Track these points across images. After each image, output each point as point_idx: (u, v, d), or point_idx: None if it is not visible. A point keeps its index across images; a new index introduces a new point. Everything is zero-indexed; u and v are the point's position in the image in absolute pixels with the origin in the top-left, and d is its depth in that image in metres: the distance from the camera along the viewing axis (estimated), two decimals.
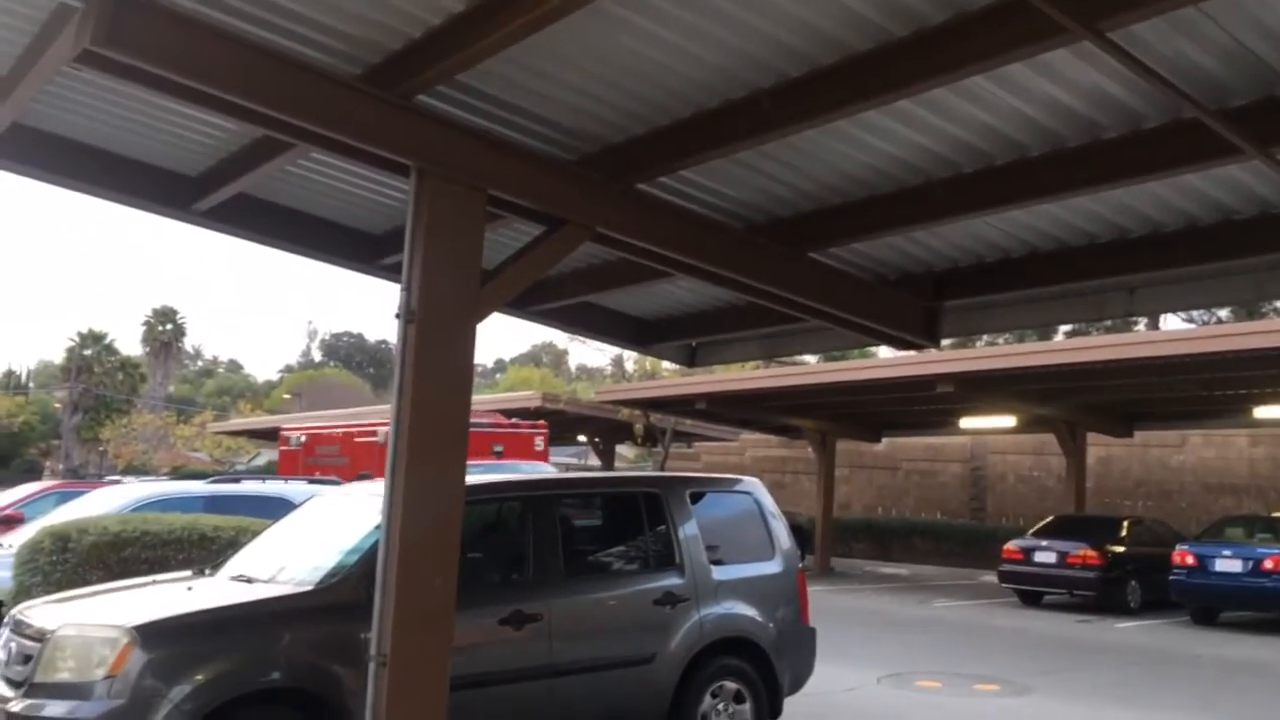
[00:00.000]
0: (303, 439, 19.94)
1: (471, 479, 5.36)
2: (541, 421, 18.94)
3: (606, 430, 28.84)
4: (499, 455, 15.87)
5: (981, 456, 26.48)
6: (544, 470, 14.92)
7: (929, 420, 22.73)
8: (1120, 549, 16.28)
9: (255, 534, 7.04)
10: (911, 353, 15.91)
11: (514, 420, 18.40)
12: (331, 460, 16.91)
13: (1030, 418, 20.03)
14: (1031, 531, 17.63)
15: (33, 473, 44.54)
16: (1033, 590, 16.94)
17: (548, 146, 5.26)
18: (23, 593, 7.09)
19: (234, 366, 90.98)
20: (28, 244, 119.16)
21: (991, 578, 18.30)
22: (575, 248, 5.60)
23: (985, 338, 28.81)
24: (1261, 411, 17.85)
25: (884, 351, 24.50)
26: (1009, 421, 20.67)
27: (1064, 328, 28.94)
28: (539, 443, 17.58)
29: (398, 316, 4.76)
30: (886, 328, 6.79)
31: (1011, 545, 17.30)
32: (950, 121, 4.73)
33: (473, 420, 14.77)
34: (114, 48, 3.92)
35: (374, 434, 15.89)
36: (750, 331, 8.32)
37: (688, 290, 7.61)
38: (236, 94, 4.36)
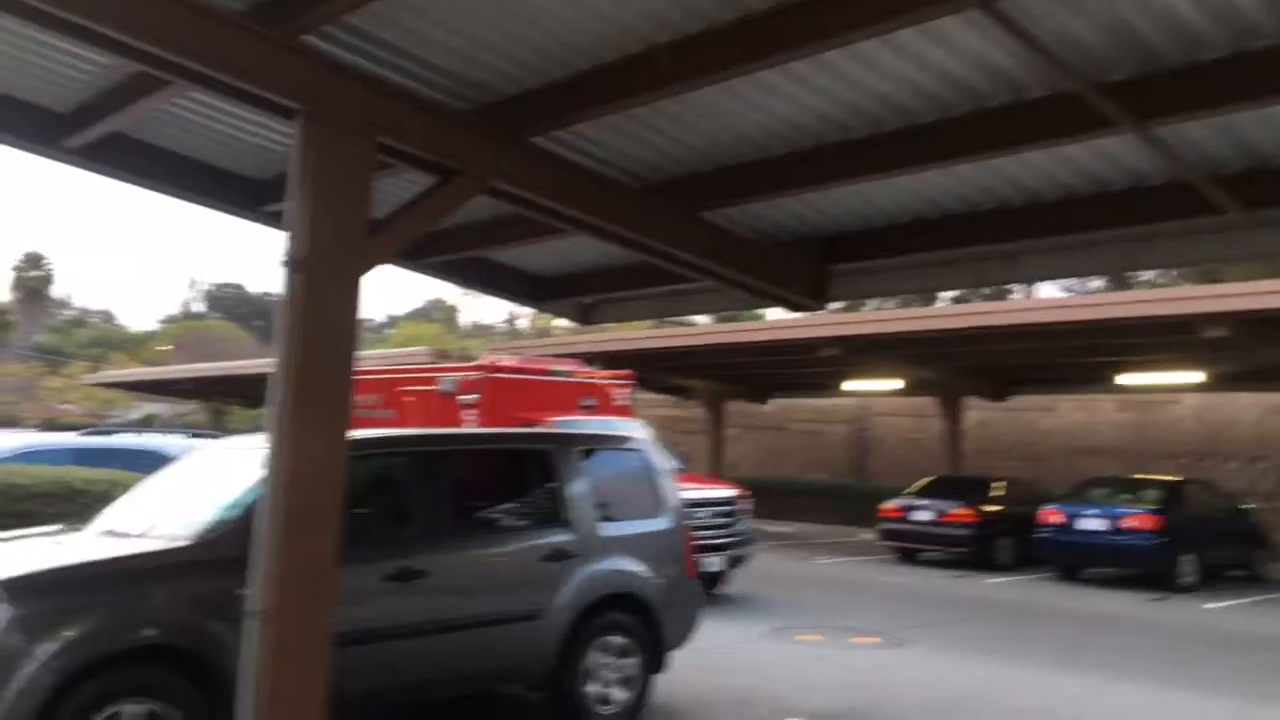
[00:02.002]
0: None
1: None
2: (625, 370, 14.95)
3: None
4: (590, 409, 13.56)
5: (865, 418, 27.23)
6: (633, 428, 13.41)
7: (816, 382, 23.24)
8: (993, 508, 16.98)
9: (127, 488, 6.81)
10: (799, 316, 16.23)
11: (592, 369, 14.86)
12: (369, 412, 14.40)
13: (912, 381, 20.66)
14: (909, 490, 18.25)
15: None
16: (910, 547, 17.57)
17: (441, 95, 5.15)
18: None
19: (107, 317, 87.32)
20: None
21: (872, 535, 18.90)
22: (467, 200, 5.50)
23: (872, 303, 29.53)
24: (1125, 378, 18.77)
25: (773, 314, 24.90)
26: (892, 385, 21.30)
27: (947, 294, 29.82)
28: (621, 395, 14.42)
29: (283, 264, 4.62)
30: (776, 289, 6.88)
31: (890, 504, 17.89)
32: (842, 85, 4.79)
33: (552, 367, 13.66)
34: None
35: (432, 381, 13.68)
36: (644, 290, 8.35)
37: (582, 247, 7.58)
38: (110, 26, 4.13)
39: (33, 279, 65.86)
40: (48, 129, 6.09)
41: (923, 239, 6.40)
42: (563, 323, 33.87)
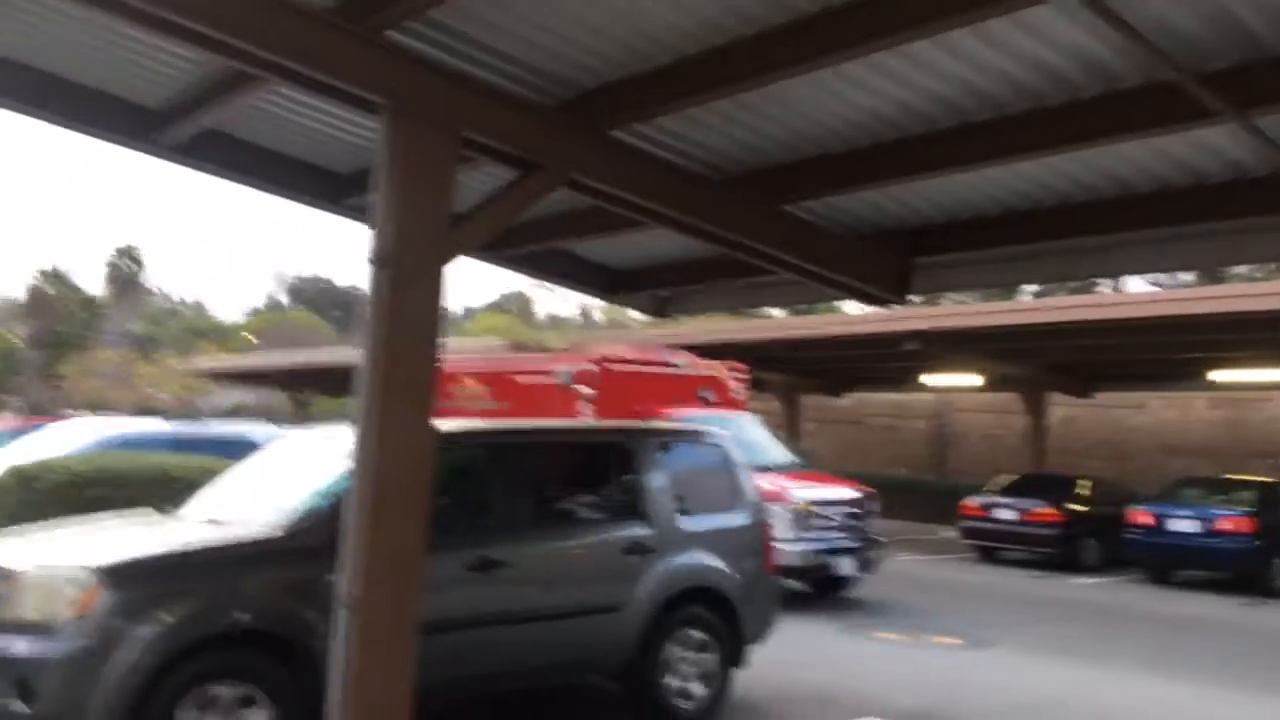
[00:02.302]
0: None
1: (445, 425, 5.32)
2: (737, 364, 14.44)
3: None
4: (708, 402, 13.36)
5: (946, 414, 26.77)
6: (750, 423, 12.97)
7: (894, 376, 22.91)
8: (1078, 507, 16.57)
9: (219, 475, 6.99)
10: (878, 309, 16.00)
11: (708, 361, 14.39)
12: (479, 404, 14.17)
13: (995, 377, 20.25)
14: (992, 488, 17.90)
15: None
16: (992, 546, 17.25)
17: (523, 89, 5.17)
18: None
19: (198, 308, 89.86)
20: None
21: (952, 533, 18.59)
22: (547, 193, 5.52)
23: (951, 296, 28.99)
24: (1218, 375, 18.15)
25: (850, 307, 24.60)
26: (974, 380, 20.90)
27: (1029, 288, 29.16)
28: (737, 388, 14.14)
29: (369, 260, 4.69)
30: (857, 283, 6.78)
31: (972, 501, 17.57)
32: (930, 76, 4.69)
33: (669, 359, 13.36)
34: None
35: (548, 373, 13.41)
36: (721, 283, 8.28)
37: (659, 240, 7.55)
38: (203, 22, 4.23)
39: (126, 270, 68.02)
40: (142, 124, 6.27)
41: (1011, 232, 6.24)
42: (637, 315, 33.96)
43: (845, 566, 11.91)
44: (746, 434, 12.70)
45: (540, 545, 6.30)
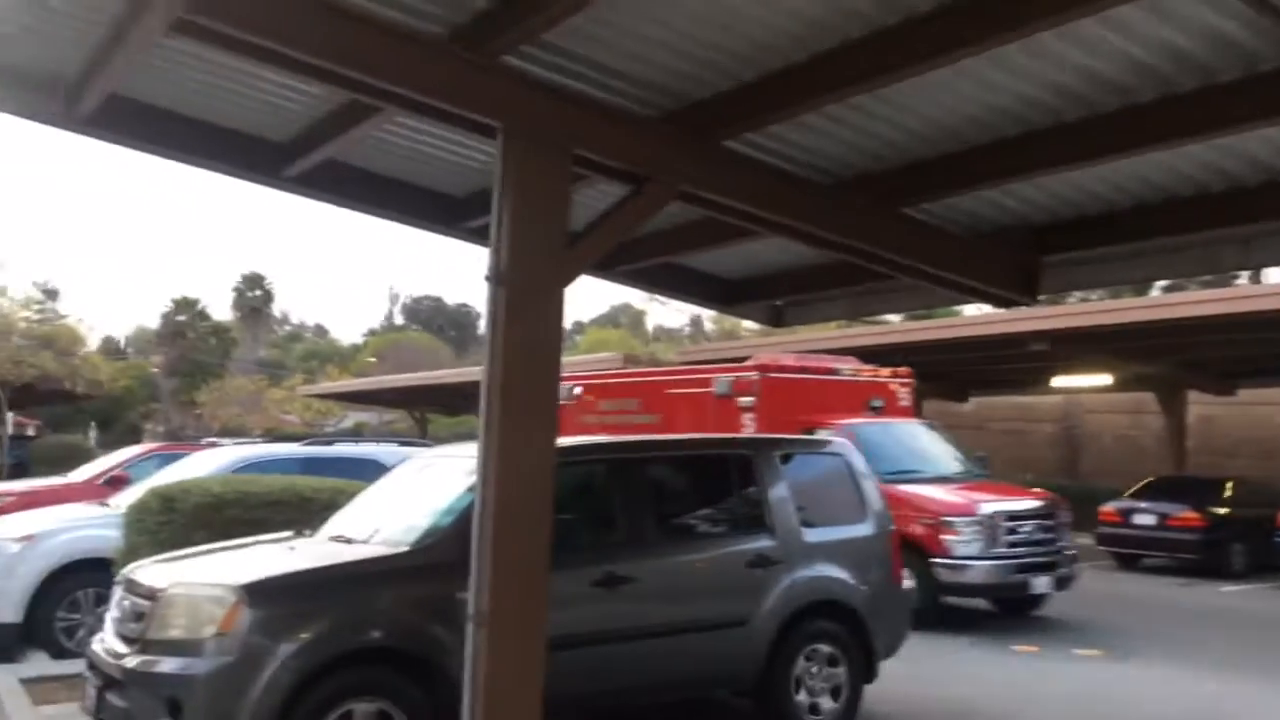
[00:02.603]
0: (576, 391, 14.99)
1: (567, 441, 5.35)
2: (902, 369, 13.70)
3: None
4: (877, 410, 12.80)
5: (1075, 416, 25.81)
6: (922, 431, 12.67)
7: (1018, 379, 22.20)
8: (1223, 510, 15.75)
9: (351, 495, 7.17)
10: (1001, 310, 15.51)
11: (872, 367, 13.62)
12: (628, 418, 13.43)
13: (1127, 376, 19.42)
14: (1129, 493, 17.16)
15: (135, 435, 46.29)
16: (1131, 553, 16.53)
17: (632, 104, 5.17)
18: (132, 552, 7.32)
19: (320, 331, 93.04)
20: (121, 212, 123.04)
21: (1086, 540, 17.87)
22: (661, 207, 5.52)
23: (1076, 294, 27.98)
24: None
25: (970, 309, 23.95)
26: (1104, 380, 20.09)
27: (1160, 283, 27.93)
28: (904, 395, 13.45)
29: (487, 279, 4.75)
30: (982, 284, 6.58)
31: (1109, 507, 16.87)
32: (1053, 66, 4.51)
33: (834, 365, 13.05)
34: (205, 15, 3.94)
35: (707, 384, 12.74)
36: (837, 290, 8.16)
37: (773, 249, 7.48)
38: (325, 58, 4.36)
39: (253, 298, 70.86)
40: (268, 159, 6.50)
41: (1145, 225, 5.96)
42: (750, 325, 33.75)
43: (1041, 584, 11.06)
44: (919, 443, 12.43)
45: (664, 560, 6.28)
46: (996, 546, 10.72)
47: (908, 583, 10.13)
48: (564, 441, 5.48)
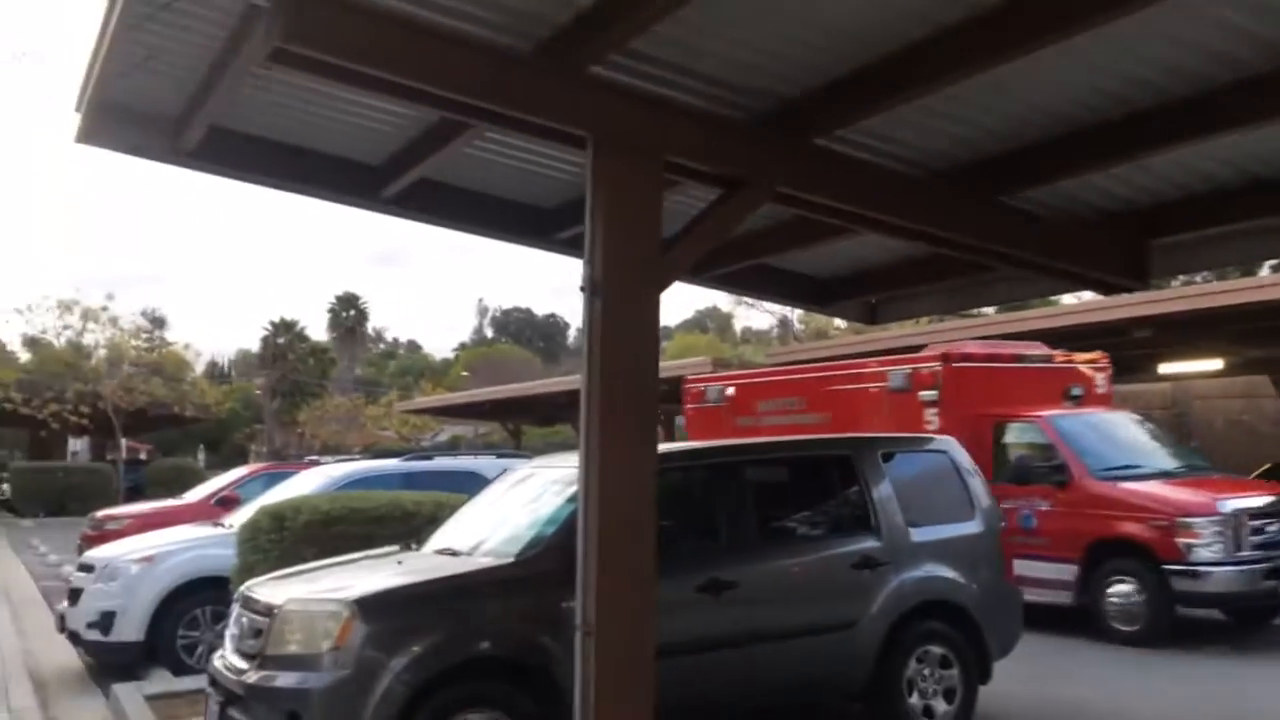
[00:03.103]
0: (728, 391, 13.99)
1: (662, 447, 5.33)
2: (1097, 353, 12.88)
3: None
4: (1077, 400, 11.77)
5: (1185, 402, 24.90)
6: (1123, 421, 11.61)
7: (1123, 367, 21.48)
8: None
9: (453, 508, 7.26)
10: (1102, 297, 15.00)
11: (1063, 352, 12.57)
12: (790, 418, 12.46)
13: (1239, 360, 18.66)
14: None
15: (241, 456, 47.79)
16: None
17: (723, 107, 5.13)
18: (246, 569, 7.54)
19: (413, 347, 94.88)
20: (218, 237, 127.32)
21: None
22: (755, 209, 5.48)
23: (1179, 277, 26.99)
24: None
25: (1067, 298, 23.27)
26: (1214, 365, 19.33)
27: (1270, 262, 26.78)
28: (1102, 382, 12.49)
29: (582, 289, 4.76)
30: (1088, 271, 6.38)
31: None
32: (1161, 42, 4.34)
33: (1024, 352, 12.00)
34: (302, 43, 4.03)
35: (881, 378, 11.73)
36: (934, 285, 8.00)
37: (867, 246, 7.36)
38: (417, 78, 4.42)
39: (347, 318, 72.60)
40: (364, 182, 6.61)
41: (1256, 203, 5.71)
42: (839, 324, 33.38)
43: None
44: (1130, 434, 11.46)
45: (768, 564, 6.22)
46: (1241, 549, 9.54)
47: (1124, 588, 9.72)
48: (664, 448, 5.47)
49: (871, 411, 11.45)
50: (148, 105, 5.66)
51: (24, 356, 37.55)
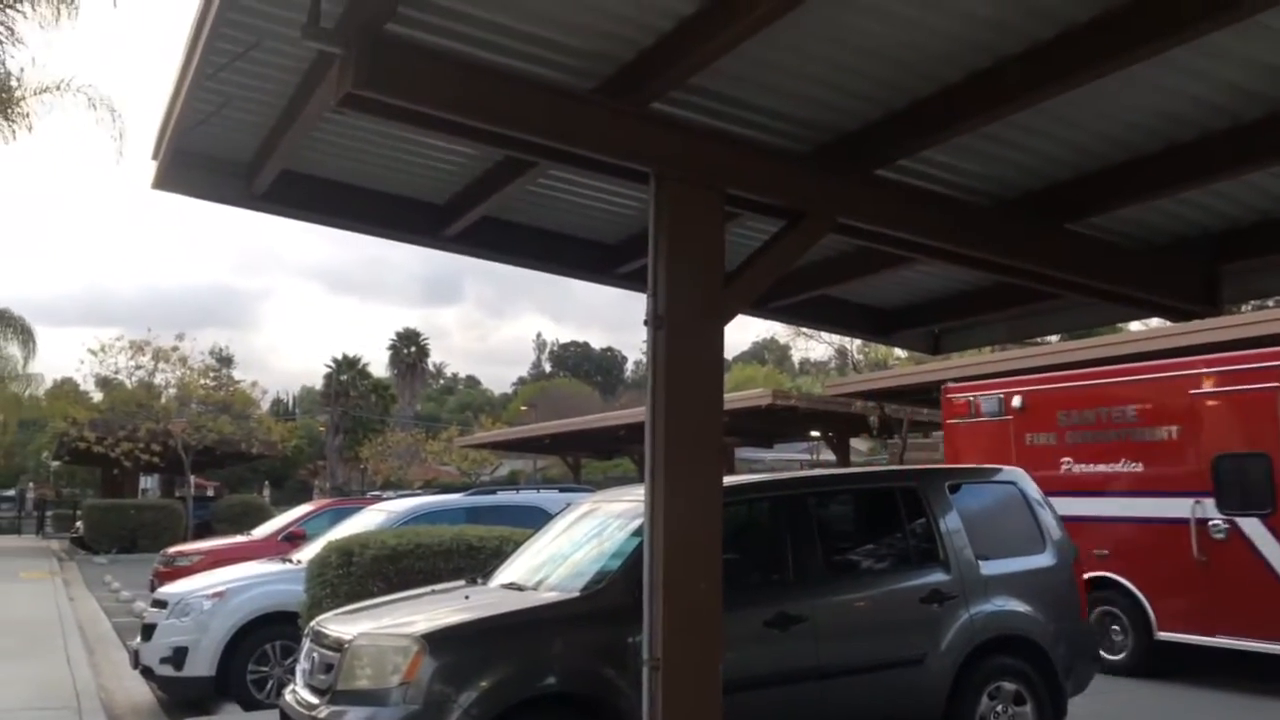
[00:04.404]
0: (1015, 402, 11.00)
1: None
2: None
3: (839, 424, 28.29)
4: None
5: None
6: None
7: None
8: None
9: (517, 543, 7.30)
10: (1170, 324, 14.68)
11: None
12: (1116, 435, 9.97)
13: None
14: None
15: (305, 492, 48.48)
16: None
17: (783, 140, 5.17)
18: (315, 605, 7.63)
19: (472, 382, 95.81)
20: (276, 280, 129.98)
21: None
22: (817, 240, 5.47)
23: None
24: None
25: (1134, 325, 22.80)
26: None
27: None
28: None
29: (646, 323, 4.79)
30: (1158, 297, 6.27)
31: None
32: (1229, 65, 4.30)
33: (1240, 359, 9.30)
34: (374, 89, 4.13)
35: (1270, 376, 8.80)
36: (997, 313, 7.90)
37: (929, 276, 7.31)
38: (484, 120, 4.52)
39: (408, 355, 73.53)
40: (429, 221, 6.73)
41: None
42: (899, 352, 33.09)
43: None
44: None
45: (836, 598, 6.15)
46: None
47: None
48: (729, 480, 5.46)
49: (1256, 426, 8.92)
50: (222, 151, 5.83)
51: (96, 396, 38.48)
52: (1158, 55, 4.02)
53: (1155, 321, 13.55)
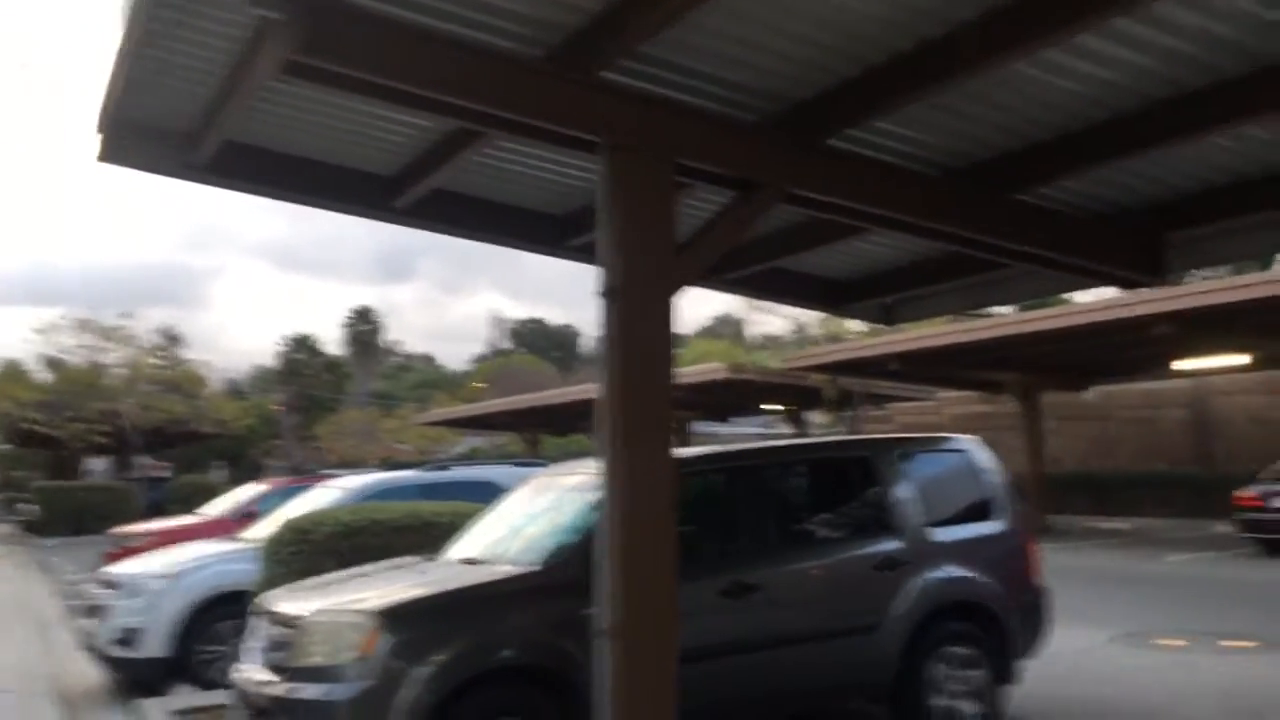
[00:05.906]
0: None
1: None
2: None
3: (795, 397, 28.53)
4: None
5: (1206, 400, 24.76)
6: None
7: (1141, 365, 21.36)
8: None
9: (471, 518, 7.26)
10: (1120, 294, 14.91)
11: None
12: None
13: (1262, 355, 18.53)
14: (1268, 474, 16.35)
15: (260, 471, 47.96)
16: (1274, 539, 15.73)
17: (734, 109, 5.14)
18: (269, 583, 7.52)
19: (428, 360, 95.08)
20: (234, 251, 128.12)
21: (1225, 528, 17.11)
22: (767, 211, 5.46)
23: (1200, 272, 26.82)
24: None
25: (1080, 296, 23.14)
26: (1236, 360, 19.21)
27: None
28: None
29: (600, 294, 4.76)
30: (1105, 266, 6.34)
31: (1246, 491, 16.12)
32: (1173, 35, 4.33)
33: None
34: (316, 55, 4.05)
35: None
36: (949, 284, 7.96)
37: (881, 247, 7.35)
38: (429, 88, 4.44)
39: (363, 332, 72.89)
40: (378, 193, 6.63)
41: (1276, 193, 5.68)
42: (855, 326, 33.28)
43: None
44: None
45: (790, 566, 6.19)
46: None
47: None
48: (683, 452, 5.46)
49: None
50: (165, 123, 5.69)
51: (44, 377, 37.75)
52: (1105, 24, 4.04)
53: (1110, 291, 13.78)
